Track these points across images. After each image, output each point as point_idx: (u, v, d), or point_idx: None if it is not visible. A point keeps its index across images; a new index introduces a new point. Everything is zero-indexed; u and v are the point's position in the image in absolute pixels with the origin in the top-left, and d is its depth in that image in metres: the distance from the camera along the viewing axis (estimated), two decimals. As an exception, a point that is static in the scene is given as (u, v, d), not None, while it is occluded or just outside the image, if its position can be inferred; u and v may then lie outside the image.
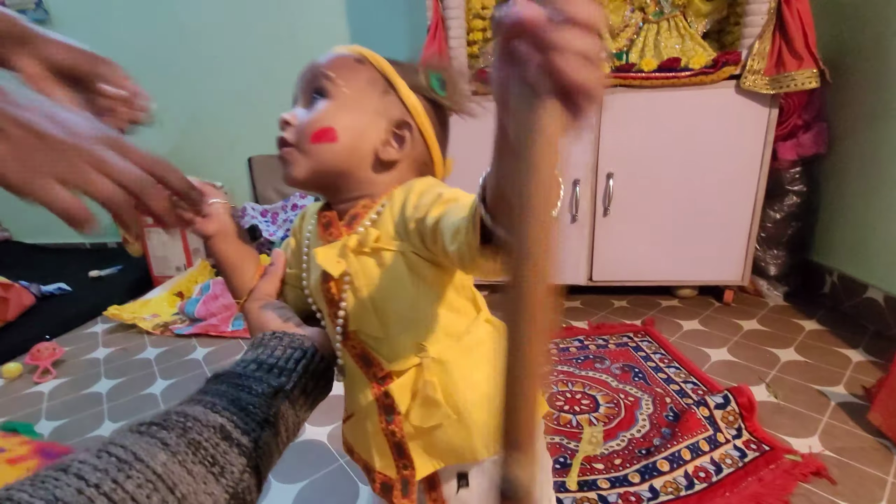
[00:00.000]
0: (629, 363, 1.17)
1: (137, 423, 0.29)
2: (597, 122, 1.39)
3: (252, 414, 0.32)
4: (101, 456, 0.25)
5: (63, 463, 0.25)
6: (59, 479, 0.23)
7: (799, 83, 1.22)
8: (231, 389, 0.33)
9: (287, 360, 0.36)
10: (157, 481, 0.25)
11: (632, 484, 0.79)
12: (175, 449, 0.27)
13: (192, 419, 0.29)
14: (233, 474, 0.29)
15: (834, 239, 1.46)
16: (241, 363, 0.36)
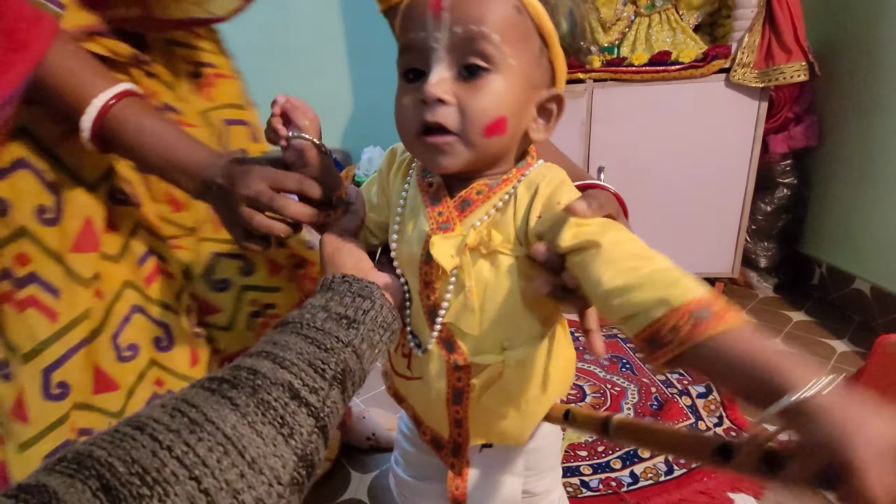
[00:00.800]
0: (617, 354, 1.20)
1: (209, 378, 0.29)
2: (588, 116, 1.40)
3: (320, 371, 0.31)
4: (174, 415, 0.26)
5: (139, 419, 0.26)
6: (136, 439, 0.24)
7: (788, 76, 1.23)
8: (299, 342, 0.32)
9: (356, 311, 0.35)
10: (226, 444, 0.25)
11: (613, 470, 0.82)
12: (244, 410, 0.27)
13: (262, 376, 0.29)
14: (301, 435, 0.28)
15: (823, 231, 1.48)
16: (309, 309, 0.35)
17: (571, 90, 1.38)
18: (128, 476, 0.23)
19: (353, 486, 0.83)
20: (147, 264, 0.55)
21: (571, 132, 1.41)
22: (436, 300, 0.38)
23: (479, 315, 0.37)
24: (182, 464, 0.24)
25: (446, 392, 0.39)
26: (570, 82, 1.38)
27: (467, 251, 0.35)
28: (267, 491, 0.26)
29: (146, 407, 0.27)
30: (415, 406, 0.45)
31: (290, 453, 0.28)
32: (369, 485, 0.83)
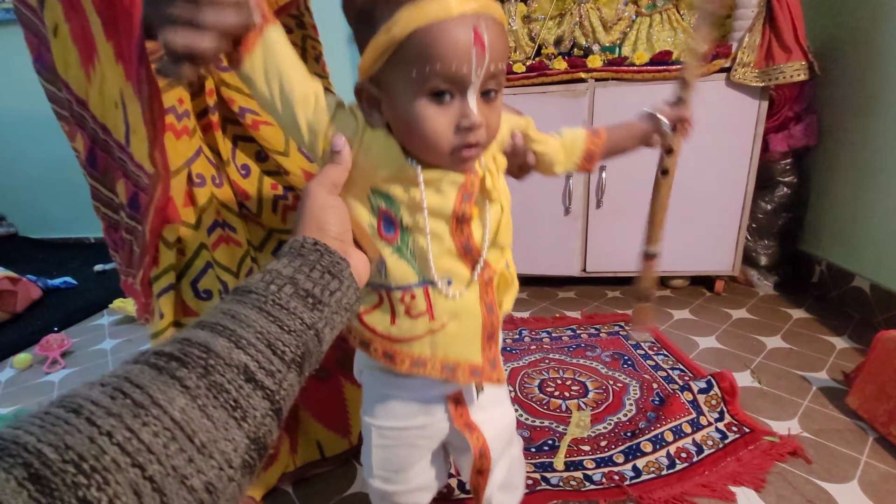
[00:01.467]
0: (619, 351, 1.21)
1: (155, 352, 0.27)
2: (589, 115, 1.41)
3: (279, 353, 0.30)
4: (115, 397, 0.24)
5: (75, 401, 0.23)
6: (70, 423, 0.22)
7: (788, 76, 1.24)
8: (261, 319, 0.30)
9: (323, 290, 0.34)
10: (174, 429, 0.24)
11: (616, 464, 0.83)
12: (195, 392, 0.25)
13: (215, 355, 0.27)
14: (255, 419, 0.27)
15: (823, 229, 1.49)
16: (275, 278, 0.33)
17: (573, 89, 1.39)
18: (60, 464, 0.20)
19: (360, 480, 0.84)
20: (214, 234, 0.68)
21: (573, 131, 1.42)
22: (469, 233, 0.44)
23: (507, 226, 0.46)
24: (124, 450, 0.22)
25: (482, 311, 0.46)
26: (571, 82, 1.39)
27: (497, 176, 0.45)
28: (217, 475, 0.25)
29: (83, 385, 0.25)
30: (452, 352, 0.46)
31: (243, 436, 0.27)
32: (375, 479, 0.84)
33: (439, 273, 0.43)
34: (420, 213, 0.42)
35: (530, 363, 1.18)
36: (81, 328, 1.63)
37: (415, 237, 0.43)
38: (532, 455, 0.86)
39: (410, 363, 0.46)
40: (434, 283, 0.44)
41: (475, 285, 0.45)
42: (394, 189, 0.42)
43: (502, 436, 0.54)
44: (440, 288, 0.44)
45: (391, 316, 0.45)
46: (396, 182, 0.42)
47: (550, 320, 1.41)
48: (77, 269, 2.15)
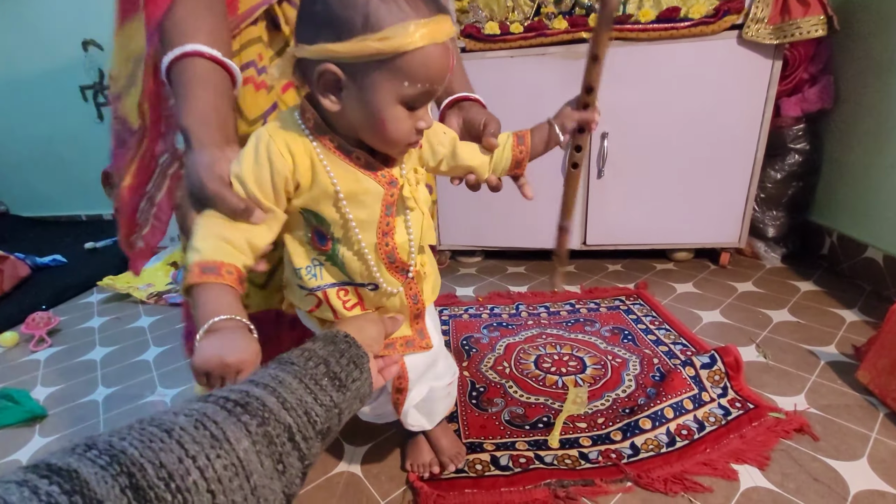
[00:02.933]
0: (619, 326, 1.16)
1: (223, 397, 0.30)
2: (591, 78, 1.33)
3: (313, 422, 0.34)
4: (198, 427, 0.27)
5: (167, 423, 0.27)
6: (164, 442, 0.25)
7: (805, 31, 1.16)
8: (300, 389, 0.34)
9: (347, 376, 0.39)
10: (238, 466, 0.27)
11: (613, 441, 0.79)
12: (255, 438, 0.29)
13: (269, 411, 0.31)
14: (290, 476, 0.31)
15: (835, 198, 1.42)
16: (312, 356, 0.38)
17: (573, 51, 1.30)
18: (155, 479, 0.24)
19: (347, 457, 0.81)
20: None
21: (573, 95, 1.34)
22: (393, 243, 0.49)
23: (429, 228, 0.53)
24: (203, 475, 0.25)
25: (409, 303, 0.55)
26: (570, 42, 1.31)
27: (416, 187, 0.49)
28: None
29: (165, 412, 0.28)
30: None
31: (280, 489, 0.30)
32: (363, 457, 0.81)
33: (368, 280, 0.50)
34: (347, 228, 0.47)
35: (527, 338, 1.14)
36: (70, 306, 1.60)
37: (343, 249, 0.48)
38: (526, 433, 0.83)
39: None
40: (364, 285, 0.51)
41: (399, 290, 0.53)
42: (322, 207, 0.46)
43: (419, 364, 0.61)
44: (370, 290, 0.51)
45: (333, 313, 0.52)
46: (324, 199, 0.46)
47: (549, 294, 1.37)
48: (68, 247, 2.11)
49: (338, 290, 0.50)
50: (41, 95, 2.49)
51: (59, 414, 1.01)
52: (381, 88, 0.40)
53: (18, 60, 2.46)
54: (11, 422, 0.97)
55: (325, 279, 0.49)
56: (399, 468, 0.78)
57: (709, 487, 0.69)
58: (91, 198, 2.66)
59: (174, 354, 1.22)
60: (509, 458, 0.77)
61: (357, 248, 0.48)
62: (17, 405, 1.00)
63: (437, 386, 0.66)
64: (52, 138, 2.59)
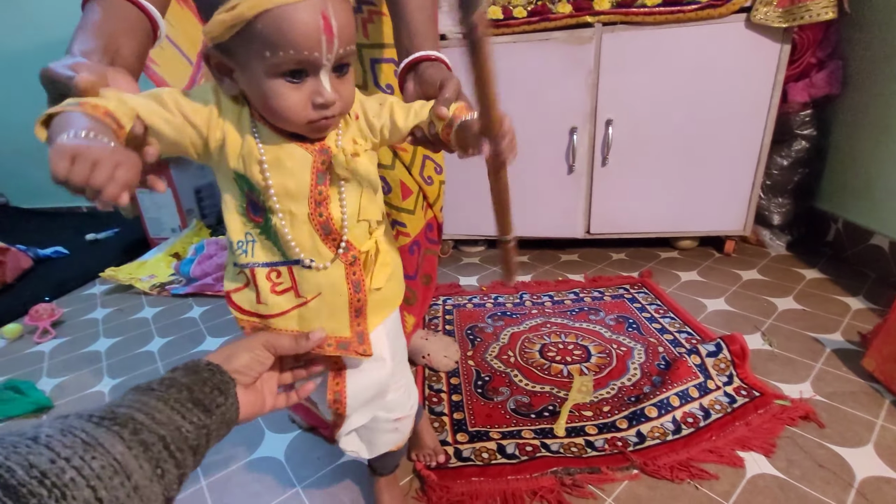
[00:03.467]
0: (624, 314, 1.16)
1: (88, 414, 0.31)
2: (595, 64, 1.31)
3: (184, 436, 0.34)
4: (66, 435, 0.27)
5: (29, 433, 0.27)
6: (31, 447, 0.25)
7: (815, 13, 1.13)
8: (167, 409, 0.35)
9: (211, 402, 0.39)
10: (116, 466, 0.27)
11: (619, 430, 0.79)
12: (130, 444, 0.29)
13: (140, 423, 0.32)
14: (168, 481, 0.31)
15: (841, 185, 1.41)
16: (174, 384, 0.38)
17: (578, 35, 1.28)
18: (26, 477, 0.23)
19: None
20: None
21: (577, 82, 1.33)
22: (328, 214, 0.46)
23: (369, 204, 0.48)
24: (80, 473, 0.25)
25: (348, 289, 0.48)
26: (576, 27, 1.28)
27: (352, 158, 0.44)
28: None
29: (28, 426, 0.28)
30: (320, 323, 0.49)
31: (161, 492, 0.30)
32: (369, 447, 0.82)
33: (301, 253, 0.46)
34: (274, 196, 0.44)
35: (531, 328, 1.13)
36: (73, 297, 1.60)
37: (275, 219, 0.45)
38: (532, 421, 0.83)
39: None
40: (297, 262, 0.46)
41: (339, 265, 0.47)
42: (251, 171, 0.43)
43: (365, 392, 0.54)
44: (303, 266, 0.46)
45: (256, 294, 0.47)
46: (251, 164, 0.43)
47: (553, 283, 1.36)
48: (69, 239, 2.10)
49: (269, 271, 0.47)
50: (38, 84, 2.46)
51: (66, 405, 1.02)
52: (251, 63, 0.38)
53: (15, 48, 2.43)
54: (18, 413, 0.98)
55: (256, 257, 0.46)
56: (406, 457, 0.78)
57: (715, 475, 0.70)
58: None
59: (179, 345, 1.22)
60: (515, 446, 0.78)
61: (286, 219, 0.45)
62: (24, 396, 1.01)
63: (381, 417, 0.58)
64: (50, 129, 2.57)
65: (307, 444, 0.84)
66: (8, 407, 0.98)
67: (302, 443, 0.84)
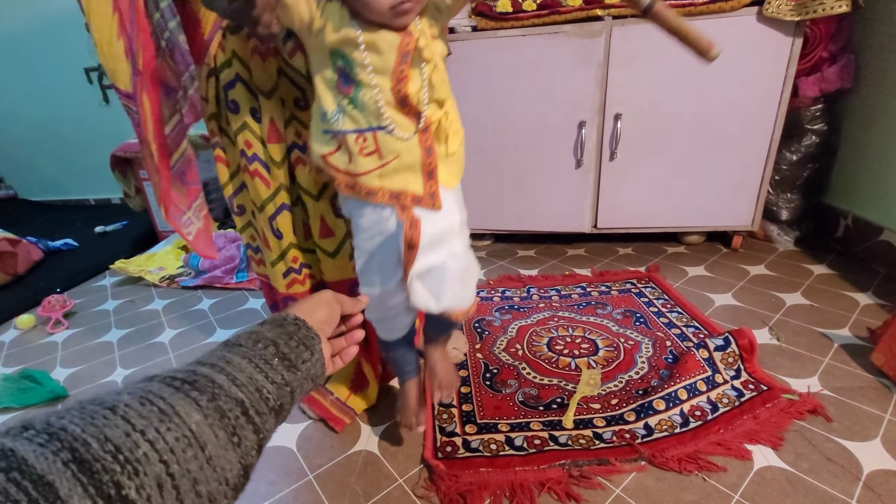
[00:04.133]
0: (631, 308, 1.17)
1: (169, 376, 0.30)
2: (605, 58, 1.30)
3: (265, 398, 0.34)
4: (143, 403, 0.27)
5: (109, 401, 0.27)
6: (108, 418, 0.25)
7: (828, 7, 1.12)
8: (250, 367, 0.35)
9: (297, 357, 0.39)
10: (191, 437, 0.27)
11: (627, 422, 0.80)
12: (206, 412, 0.29)
13: (219, 387, 0.31)
14: (245, 448, 0.31)
15: (851, 181, 1.40)
16: (260, 339, 0.38)
17: (587, 29, 1.28)
18: (101, 452, 0.23)
19: (363, 439, 0.83)
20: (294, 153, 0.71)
21: (586, 76, 1.32)
22: (406, 90, 0.54)
23: (442, 83, 0.58)
24: (153, 447, 0.25)
25: (421, 153, 0.58)
26: (585, 20, 1.27)
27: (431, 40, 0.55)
28: (217, 488, 0.28)
29: (108, 393, 0.28)
30: (394, 183, 0.58)
31: (237, 460, 0.30)
32: (380, 436, 0.83)
33: (385, 121, 0.55)
34: (365, 70, 0.53)
35: (539, 321, 1.14)
36: (83, 289, 1.62)
37: (364, 90, 0.54)
38: (540, 413, 0.84)
39: (366, 192, 0.59)
40: (381, 128, 0.55)
41: (412, 131, 0.57)
42: (347, 49, 0.53)
43: (440, 227, 0.60)
44: (386, 131, 0.56)
45: (348, 156, 0.57)
46: (348, 44, 0.53)
47: (560, 278, 1.37)
48: (78, 231, 2.13)
49: (356, 136, 0.56)
50: (46, 77, 2.48)
51: (80, 394, 1.03)
52: None
53: (22, 42, 2.44)
54: (35, 402, 1.00)
55: (346, 125, 0.56)
56: (415, 447, 0.79)
57: (722, 467, 0.70)
58: (100, 182, 2.66)
59: (189, 336, 1.23)
60: (524, 438, 0.78)
61: (373, 92, 0.54)
62: (40, 386, 1.03)
63: (449, 265, 0.61)
64: (58, 121, 2.59)
65: (318, 434, 0.85)
66: (25, 396, 1.00)
67: (314, 432, 0.85)
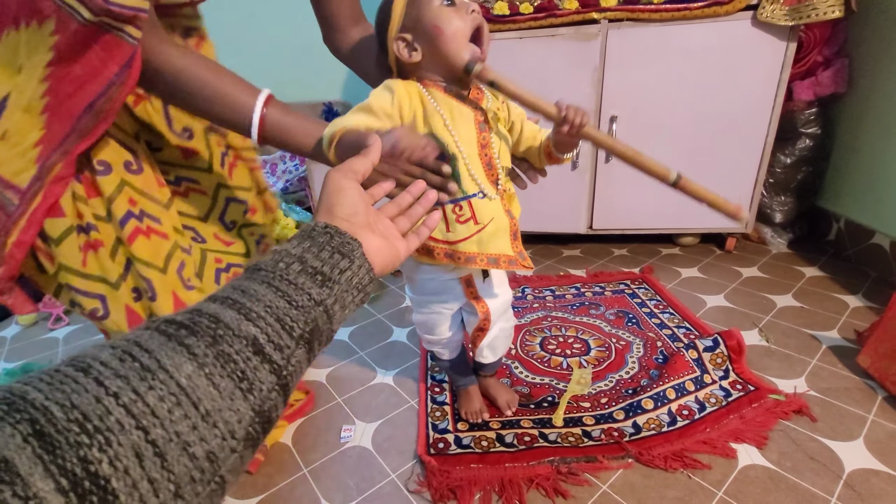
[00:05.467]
0: (624, 309, 1.18)
1: (166, 320, 0.28)
2: (601, 60, 1.31)
3: (288, 328, 0.30)
4: (124, 359, 0.24)
5: (84, 360, 0.24)
6: (78, 382, 0.22)
7: (821, 12, 1.13)
8: (269, 293, 0.31)
9: (332, 268, 0.34)
10: (180, 394, 0.24)
11: (616, 421, 0.82)
12: (203, 360, 0.26)
13: (224, 326, 0.28)
14: (261, 391, 0.27)
15: (844, 184, 1.41)
16: (283, 256, 0.33)
17: (584, 32, 1.29)
18: (65, 422, 0.21)
19: (359, 431, 0.84)
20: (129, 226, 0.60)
21: (582, 78, 1.33)
22: (490, 154, 0.62)
23: (506, 152, 0.66)
24: (129, 412, 0.22)
25: (506, 216, 0.64)
26: (582, 23, 1.29)
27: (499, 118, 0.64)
28: (220, 444, 0.25)
29: (93, 347, 0.25)
30: (493, 248, 0.63)
31: (248, 408, 0.27)
32: (373, 432, 0.84)
33: (478, 187, 0.61)
34: (454, 144, 0.60)
35: (532, 321, 1.16)
36: (85, 286, 1.63)
37: (456, 163, 0.60)
38: (531, 411, 0.85)
39: (465, 259, 0.62)
40: (474, 195, 0.61)
41: (498, 197, 0.63)
42: (437, 128, 0.60)
43: (499, 308, 0.73)
44: (479, 197, 0.61)
45: (446, 225, 0.62)
46: (436, 122, 0.59)
47: (555, 278, 1.38)
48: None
49: (453, 206, 0.61)
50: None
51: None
52: (422, 11, 0.57)
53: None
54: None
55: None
56: (408, 444, 0.81)
57: (707, 465, 0.72)
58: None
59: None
60: (514, 435, 0.80)
61: (465, 161, 0.60)
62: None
63: (505, 327, 0.77)
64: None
65: (313, 429, 0.87)
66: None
67: (309, 428, 0.87)
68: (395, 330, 1.18)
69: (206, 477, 0.24)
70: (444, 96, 0.60)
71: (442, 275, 0.69)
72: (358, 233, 0.37)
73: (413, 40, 0.58)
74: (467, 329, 0.77)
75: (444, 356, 0.82)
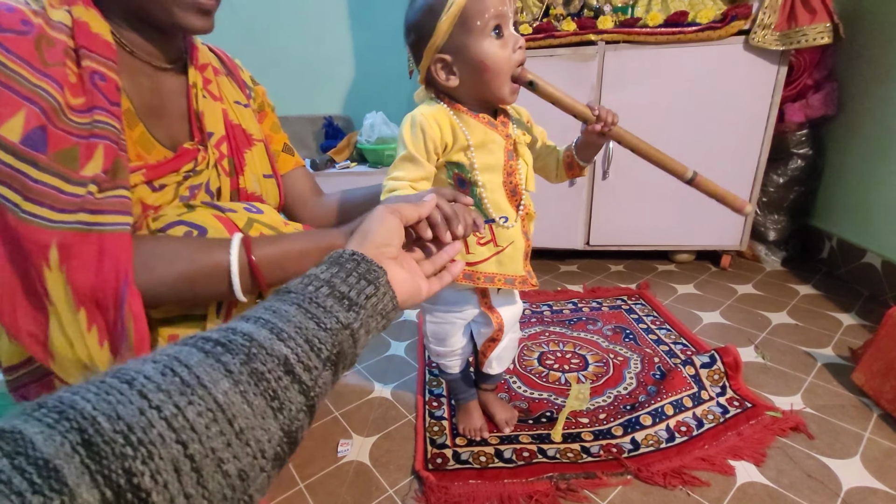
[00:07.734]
0: (621, 325, 1.19)
1: (203, 338, 0.28)
2: (598, 81, 1.34)
3: (317, 350, 0.30)
4: (165, 374, 0.25)
5: (128, 373, 0.24)
6: (123, 394, 0.23)
7: (811, 38, 1.17)
8: (299, 315, 0.31)
9: (359, 293, 0.35)
10: (217, 411, 0.25)
11: (614, 437, 0.82)
12: (238, 378, 0.26)
13: (258, 345, 0.28)
14: (290, 412, 0.28)
15: (836, 203, 1.44)
16: (312, 280, 0.34)
17: (581, 53, 1.32)
18: (111, 433, 0.21)
19: (357, 446, 0.84)
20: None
21: (580, 97, 1.35)
22: (516, 181, 0.64)
23: (531, 175, 0.68)
24: (170, 426, 0.23)
25: (523, 238, 0.67)
26: (580, 44, 1.32)
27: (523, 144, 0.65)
28: (251, 463, 0.25)
29: (135, 360, 0.26)
30: (508, 269, 0.66)
31: (277, 428, 0.27)
32: (371, 447, 0.84)
33: (498, 213, 0.63)
34: (477, 171, 0.61)
35: (530, 336, 1.16)
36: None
37: (479, 189, 0.62)
38: (529, 427, 0.85)
39: (484, 279, 0.65)
40: (496, 220, 0.63)
41: (518, 220, 0.65)
42: (459, 157, 0.61)
43: (512, 318, 0.75)
44: (499, 223, 0.64)
45: (465, 247, 0.64)
46: (460, 150, 0.61)
47: (552, 293, 1.39)
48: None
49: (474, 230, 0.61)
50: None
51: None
52: (470, 40, 0.56)
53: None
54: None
55: None
56: (406, 459, 0.80)
57: (706, 482, 0.72)
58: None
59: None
60: (513, 451, 0.80)
61: (488, 187, 0.61)
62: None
63: (513, 337, 0.79)
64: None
65: (311, 443, 0.86)
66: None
67: (306, 442, 0.86)
68: (393, 343, 1.18)
69: (237, 495, 0.25)
70: (475, 122, 0.61)
71: (457, 285, 0.70)
72: (384, 262, 0.38)
73: (452, 63, 0.58)
74: (477, 340, 0.78)
75: (452, 369, 0.81)
